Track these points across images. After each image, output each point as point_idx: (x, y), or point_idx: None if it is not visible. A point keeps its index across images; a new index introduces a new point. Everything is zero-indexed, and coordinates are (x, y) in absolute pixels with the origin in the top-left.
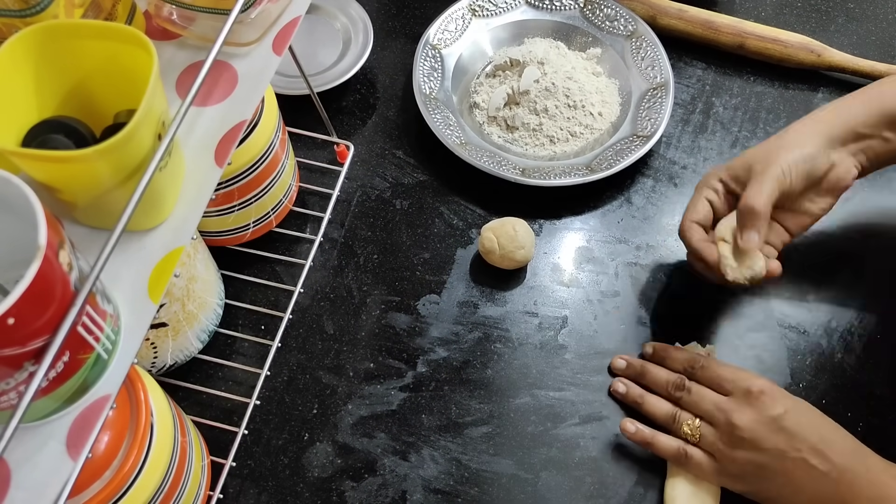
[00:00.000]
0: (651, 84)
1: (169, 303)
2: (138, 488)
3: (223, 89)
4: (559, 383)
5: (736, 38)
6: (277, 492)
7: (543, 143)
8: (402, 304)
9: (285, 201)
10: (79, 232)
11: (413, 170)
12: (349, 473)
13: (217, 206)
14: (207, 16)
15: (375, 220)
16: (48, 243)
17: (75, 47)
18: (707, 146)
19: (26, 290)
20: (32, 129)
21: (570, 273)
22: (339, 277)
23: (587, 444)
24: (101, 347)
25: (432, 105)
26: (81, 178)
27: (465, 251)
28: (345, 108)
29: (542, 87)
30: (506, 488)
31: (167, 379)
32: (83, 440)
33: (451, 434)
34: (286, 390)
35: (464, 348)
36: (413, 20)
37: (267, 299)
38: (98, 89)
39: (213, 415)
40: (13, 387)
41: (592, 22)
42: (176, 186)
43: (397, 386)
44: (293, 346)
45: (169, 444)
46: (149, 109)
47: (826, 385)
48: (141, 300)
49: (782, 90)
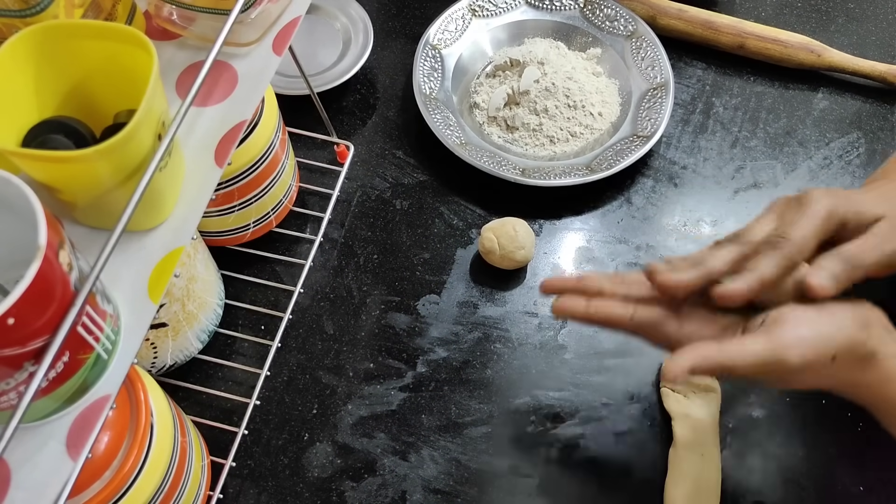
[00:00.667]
0: (651, 84)
1: (169, 303)
2: (138, 488)
3: (223, 89)
4: (559, 383)
5: (736, 38)
6: (277, 492)
7: (543, 143)
8: (402, 304)
9: (285, 201)
10: (79, 232)
11: (413, 170)
12: (349, 473)
13: (217, 206)
14: (207, 16)
15: (375, 220)
16: (48, 243)
17: (75, 47)
18: (707, 146)
19: (26, 290)
20: (32, 129)
21: (570, 273)
22: (339, 277)
23: (587, 444)
24: (101, 347)
25: (432, 105)
26: (81, 178)
27: (465, 251)
28: (345, 108)
29: (542, 88)
30: (506, 488)
31: (167, 379)
32: (83, 440)
33: (451, 434)
34: (286, 390)
35: (464, 348)
36: (413, 20)
37: (267, 299)
38: (98, 89)
39: (213, 415)
40: (13, 387)
41: (592, 22)
42: (176, 186)
43: (397, 386)
44: (293, 346)
45: (169, 444)
46: (149, 109)
47: None
48: (141, 300)
49: (782, 90)
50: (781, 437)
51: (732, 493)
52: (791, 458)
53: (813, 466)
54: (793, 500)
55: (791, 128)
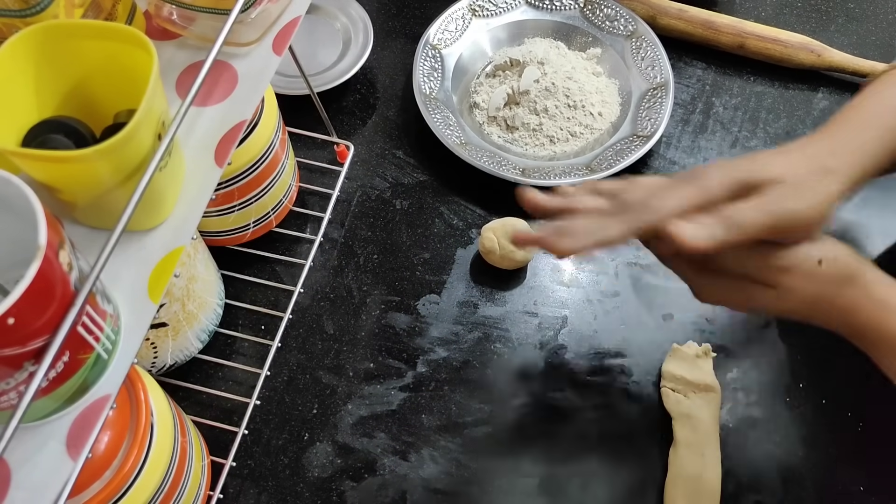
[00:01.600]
0: (651, 84)
1: (169, 303)
2: (138, 488)
3: (223, 89)
4: (559, 383)
5: (736, 38)
6: (277, 492)
7: (543, 143)
8: (402, 304)
9: (285, 201)
10: (79, 232)
11: (413, 170)
12: (349, 473)
13: (217, 206)
14: (207, 16)
15: (375, 220)
16: (48, 243)
17: (75, 47)
18: (707, 146)
19: (26, 290)
20: (32, 129)
21: (569, 273)
22: (339, 277)
23: (587, 444)
24: (101, 347)
25: (432, 105)
26: (81, 178)
27: (465, 251)
28: (345, 108)
29: (542, 87)
30: (506, 488)
31: (167, 379)
32: (83, 440)
33: (451, 434)
34: (286, 390)
35: (464, 348)
36: (413, 20)
37: (267, 299)
38: (98, 89)
39: (213, 415)
40: (13, 387)
41: (592, 22)
42: (176, 186)
43: (397, 386)
44: (293, 346)
45: (169, 444)
46: (149, 109)
47: (826, 385)
48: (141, 300)
49: (782, 90)
50: (781, 437)
51: (732, 493)
52: (791, 458)
53: (813, 466)
54: (793, 500)
55: (791, 128)
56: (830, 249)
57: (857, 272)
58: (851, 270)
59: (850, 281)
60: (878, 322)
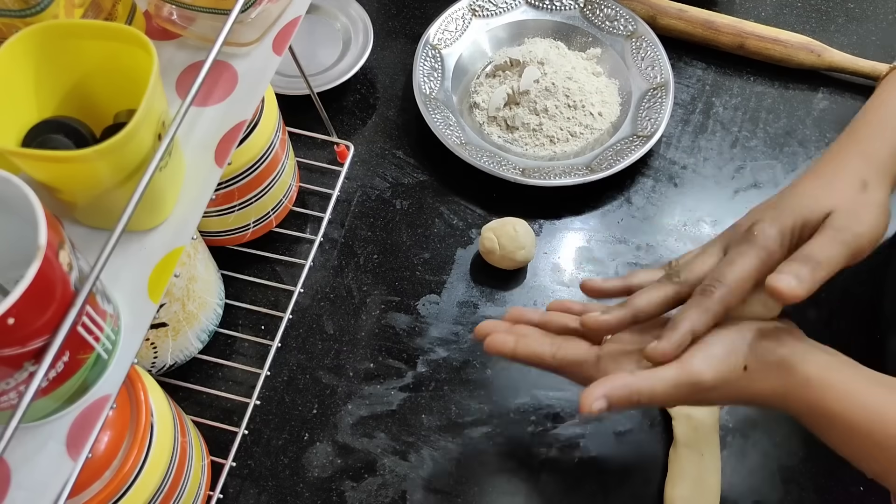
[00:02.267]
0: (651, 84)
1: (169, 303)
2: (138, 488)
3: (223, 89)
4: (559, 383)
5: (736, 38)
6: (277, 492)
7: (543, 143)
8: (402, 304)
9: (285, 201)
10: (79, 232)
11: (413, 170)
12: (349, 473)
13: (217, 206)
14: (207, 16)
15: (375, 220)
16: (48, 243)
17: (75, 47)
18: (707, 146)
19: (26, 290)
20: (32, 129)
21: (570, 273)
22: (339, 277)
23: (587, 444)
24: (101, 347)
25: (432, 105)
26: (81, 178)
27: (465, 251)
28: (345, 108)
29: (542, 87)
30: (506, 488)
31: (167, 379)
32: (83, 440)
33: (451, 434)
34: (286, 390)
35: (464, 348)
36: (413, 20)
37: (267, 299)
38: (98, 89)
39: (213, 415)
40: (13, 387)
41: (592, 22)
42: (176, 186)
43: (397, 386)
44: (293, 346)
45: (169, 444)
46: (149, 109)
47: None
48: (141, 300)
49: (782, 90)
50: (781, 438)
51: (732, 493)
52: (791, 458)
53: (813, 466)
54: (793, 500)
55: (791, 128)
56: (755, 348)
57: (784, 359)
58: (779, 357)
59: (783, 371)
60: (824, 405)
